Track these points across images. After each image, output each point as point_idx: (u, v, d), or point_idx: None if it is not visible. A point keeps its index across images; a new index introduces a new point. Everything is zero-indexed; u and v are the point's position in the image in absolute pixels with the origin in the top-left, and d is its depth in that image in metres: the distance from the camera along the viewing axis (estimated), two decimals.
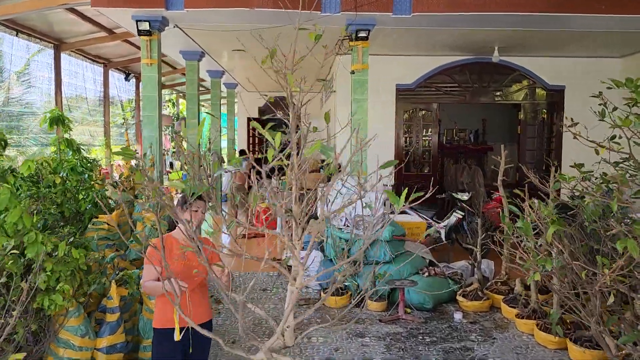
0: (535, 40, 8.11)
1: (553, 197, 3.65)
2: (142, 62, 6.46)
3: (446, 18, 6.50)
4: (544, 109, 9.97)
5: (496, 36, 7.81)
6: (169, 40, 7.97)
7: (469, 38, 7.95)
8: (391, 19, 6.39)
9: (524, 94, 9.89)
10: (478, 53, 9.05)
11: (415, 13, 6.27)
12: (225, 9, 6.05)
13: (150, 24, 6.27)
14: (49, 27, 8.35)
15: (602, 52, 9.02)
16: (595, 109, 3.82)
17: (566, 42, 8.25)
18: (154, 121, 6.53)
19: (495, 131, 13.83)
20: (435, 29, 7.26)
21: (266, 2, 5.97)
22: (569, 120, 3.81)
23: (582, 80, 9.37)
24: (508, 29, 7.19)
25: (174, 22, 6.66)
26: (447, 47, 8.67)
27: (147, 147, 6.14)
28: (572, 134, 3.93)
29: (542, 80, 9.48)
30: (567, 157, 9.55)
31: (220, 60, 10.23)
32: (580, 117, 9.40)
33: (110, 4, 5.91)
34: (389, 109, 9.41)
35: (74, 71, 10.10)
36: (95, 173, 5.68)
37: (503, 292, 5.70)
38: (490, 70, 9.47)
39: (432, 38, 7.99)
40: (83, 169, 4.72)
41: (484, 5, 6.28)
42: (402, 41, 8.26)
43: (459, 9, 6.31)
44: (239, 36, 7.31)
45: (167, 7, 6.08)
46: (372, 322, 5.17)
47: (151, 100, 6.56)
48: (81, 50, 9.81)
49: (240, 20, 6.64)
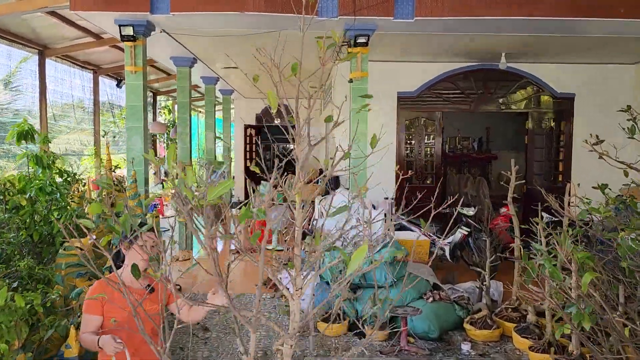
0: (544, 47, 7.68)
1: (578, 229, 3.20)
2: (126, 69, 6.04)
3: (451, 23, 6.08)
4: (552, 118, 9.54)
5: (503, 42, 7.39)
6: (159, 46, 7.56)
7: (474, 44, 7.52)
8: (392, 23, 5.96)
9: (532, 102, 9.46)
10: (484, 59, 8.63)
11: (418, 17, 5.85)
12: (214, 12, 5.62)
13: (134, 29, 5.85)
14: (32, 32, 7.94)
15: (615, 59, 8.59)
16: (608, 118, 3.41)
17: (577, 48, 7.82)
18: (139, 133, 6.10)
19: (499, 139, 13.42)
20: (439, 34, 6.83)
21: (258, 6, 5.55)
22: (593, 137, 3.37)
23: (592, 88, 8.95)
24: (516, 34, 6.77)
25: (160, 26, 6.24)
26: (451, 54, 8.25)
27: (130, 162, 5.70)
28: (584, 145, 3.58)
29: (550, 87, 9.05)
30: (577, 168, 9.11)
31: (214, 67, 9.81)
32: (591, 126, 9.05)
33: (89, 7, 5.49)
34: (390, 117, 8.99)
35: (60, 78, 9.68)
36: (74, 188, 5.26)
37: (514, 320, 5.25)
38: (496, 77, 9.04)
39: (436, 44, 7.56)
40: (53, 188, 4.27)
41: (492, 10, 5.86)
42: (404, 47, 7.84)
43: (464, 14, 5.89)
44: (232, 41, 6.91)
45: (152, 10, 5.66)
46: (371, 353, 4.72)
47: (136, 110, 6.13)
48: (69, 56, 9.39)
49: (231, 25, 6.23)
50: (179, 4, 5.59)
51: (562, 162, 9.46)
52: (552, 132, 9.57)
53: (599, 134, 9.05)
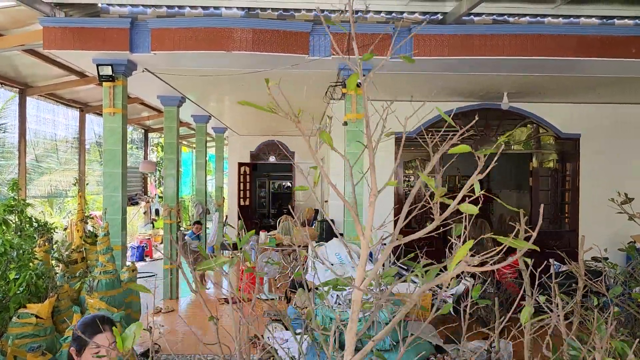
0: (548, 86, 7.33)
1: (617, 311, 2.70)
2: (104, 111, 5.63)
3: (452, 62, 5.72)
4: (556, 159, 9.13)
5: (505, 81, 7.04)
6: (144, 84, 7.19)
7: (475, 83, 7.17)
8: (389, 63, 5.60)
9: (535, 142, 9.07)
10: (485, 99, 8.27)
11: (417, 57, 5.49)
12: (197, 51, 5.26)
13: (113, 68, 5.47)
14: (13, 70, 7.58)
15: (623, 98, 8.24)
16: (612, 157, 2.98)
17: (583, 88, 7.47)
18: (115, 179, 5.64)
19: (500, 179, 13.03)
20: (439, 74, 6.48)
21: (245, 45, 5.18)
22: (622, 196, 2.91)
23: (599, 129, 8.58)
24: (519, 74, 6.42)
25: (142, 65, 5.87)
26: (451, 93, 7.90)
27: (103, 212, 5.22)
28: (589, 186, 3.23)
29: (554, 127, 8.68)
30: (585, 212, 8.65)
31: (205, 105, 9.45)
32: (598, 168, 8.64)
33: (64, 46, 5.12)
34: (388, 159, 8.57)
35: (44, 117, 9.29)
36: (41, 241, 4.76)
37: None
38: (498, 116, 8.68)
39: (435, 83, 7.21)
40: (6, 248, 3.78)
41: (494, 50, 5.51)
42: (402, 87, 7.49)
43: (465, 53, 5.53)
44: (220, 79, 6.54)
45: (131, 49, 5.29)
46: None
47: (114, 155, 5.69)
48: (54, 94, 9.03)
49: (218, 65, 5.86)
50: (160, 43, 5.22)
51: (568, 204, 9.01)
52: (557, 173, 9.15)
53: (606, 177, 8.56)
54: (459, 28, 5.47)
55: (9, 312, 3.88)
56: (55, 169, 10.19)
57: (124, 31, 5.22)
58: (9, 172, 9.28)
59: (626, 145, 8.57)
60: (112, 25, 5.22)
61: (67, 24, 5.18)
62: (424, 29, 5.43)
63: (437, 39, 5.45)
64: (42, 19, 5.11)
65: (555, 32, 5.49)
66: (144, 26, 5.29)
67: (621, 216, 2.86)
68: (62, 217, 10.05)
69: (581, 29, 5.50)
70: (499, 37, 5.48)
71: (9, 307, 3.88)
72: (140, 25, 5.29)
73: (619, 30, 5.48)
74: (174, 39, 5.21)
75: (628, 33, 5.46)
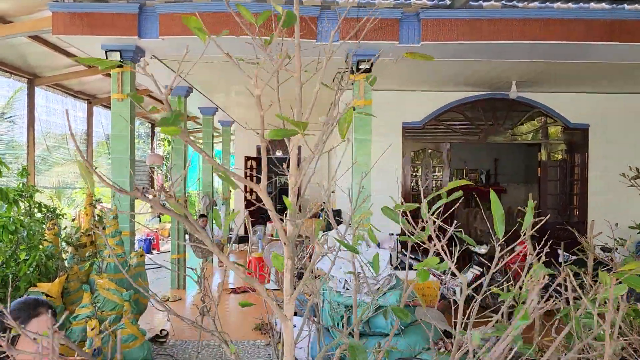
0: (556, 75, 7.29)
1: None
2: (112, 96, 5.65)
3: (460, 48, 5.69)
4: (565, 149, 9.07)
5: (513, 69, 7.00)
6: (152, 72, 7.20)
7: (483, 72, 7.14)
8: (397, 48, 5.58)
9: (543, 133, 9.02)
10: (493, 88, 8.24)
11: (425, 42, 5.47)
12: None
13: (121, 54, 5.49)
14: (21, 60, 7.63)
15: (632, 88, 8.17)
16: (622, 148, 2.94)
17: (591, 77, 7.42)
18: (124, 165, 5.66)
19: (507, 172, 12.99)
20: (447, 61, 6.45)
21: (254, 30, 5.17)
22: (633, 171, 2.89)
23: (608, 119, 8.52)
24: (528, 60, 6.37)
25: (150, 52, 5.89)
26: (459, 82, 7.87)
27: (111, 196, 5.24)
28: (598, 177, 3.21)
29: (563, 118, 8.63)
30: (594, 202, 8.60)
31: (212, 96, 9.46)
32: (607, 158, 8.58)
33: (73, 31, 5.14)
34: (395, 149, 8.56)
35: (54, 108, 9.34)
36: (50, 224, 4.78)
37: None
38: (506, 107, 8.64)
39: (443, 72, 7.18)
40: (17, 226, 3.80)
41: (503, 34, 5.48)
42: (409, 75, 7.47)
43: (474, 38, 5.51)
44: (228, 68, 6.55)
45: (139, 34, 5.31)
46: None
47: (122, 141, 5.71)
48: (62, 85, 9.08)
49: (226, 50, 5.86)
50: (168, 28, 5.23)
51: (577, 195, 8.95)
52: (565, 164, 9.09)
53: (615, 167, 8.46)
54: (468, 12, 5.45)
55: (20, 291, 3.90)
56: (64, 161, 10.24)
57: (132, 16, 5.23)
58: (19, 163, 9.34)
59: (636, 136, 8.50)
60: (120, 10, 5.23)
61: (75, 9, 5.20)
62: (432, 13, 5.40)
63: (445, 23, 5.43)
64: (51, 4, 5.14)
65: (565, 16, 5.45)
66: (152, 11, 5.30)
67: (631, 207, 2.84)
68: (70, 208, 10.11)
69: (591, 13, 5.45)
70: (507, 22, 5.45)
71: (20, 286, 3.90)
72: (149, 10, 5.30)
73: (630, 15, 5.43)
74: (182, 24, 5.22)
75: (638, 17, 5.42)
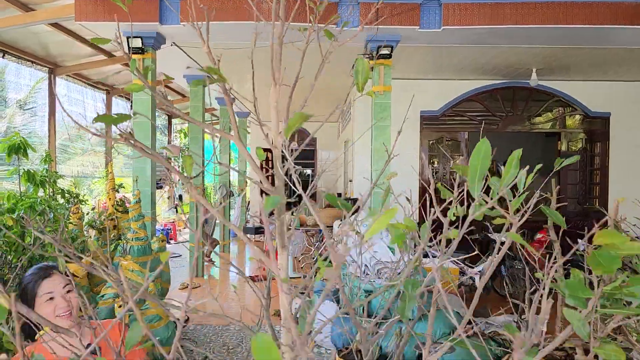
0: (577, 62, 7.19)
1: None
2: (134, 82, 5.70)
3: (481, 32, 5.64)
4: (585, 139, 8.96)
5: (533, 57, 6.92)
6: (171, 62, 7.26)
7: (503, 58, 7.06)
8: (418, 33, 5.55)
9: (563, 122, 8.91)
10: (512, 77, 8.15)
11: (446, 27, 5.43)
12: (226, 22, 5.28)
13: (142, 41, 5.54)
14: (43, 49, 7.72)
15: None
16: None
17: (612, 64, 7.31)
18: None
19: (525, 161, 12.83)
20: (466, 48, 6.40)
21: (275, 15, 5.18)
22: None
23: (630, 107, 8.40)
24: (549, 46, 6.29)
25: (171, 39, 5.92)
26: (477, 70, 7.80)
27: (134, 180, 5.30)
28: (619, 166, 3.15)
29: (584, 106, 8.52)
30: (614, 191, 8.49)
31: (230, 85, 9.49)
32: (629, 147, 8.45)
33: (95, 17, 5.19)
34: (412, 138, 8.53)
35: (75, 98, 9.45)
36: (74, 208, 4.86)
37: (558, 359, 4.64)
38: (525, 95, 8.55)
39: (462, 59, 7.13)
40: (44, 207, 3.87)
41: (526, 18, 5.42)
42: (428, 63, 7.42)
43: (496, 22, 5.45)
44: (246, 56, 6.57)
45: (161, 21, 5.34)
46: None
47: (143, 128, 5.76)
48: (81, 75, 9.18)
49: (244, 37, 5.87)
50: (188, 15, 5.25)
51: (597, 185, 8.84)
52: (585, 153, 8.98)
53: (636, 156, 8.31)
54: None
55: None
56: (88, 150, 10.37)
57: (154, 2, 5.26)
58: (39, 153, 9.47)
59: None
60: None
61: None
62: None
63: (467, 7, 5.38)
64: None
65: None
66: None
67: None
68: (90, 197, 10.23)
69: None
70: (530, 5, 5.38)
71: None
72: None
73: None
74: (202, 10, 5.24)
75: None
